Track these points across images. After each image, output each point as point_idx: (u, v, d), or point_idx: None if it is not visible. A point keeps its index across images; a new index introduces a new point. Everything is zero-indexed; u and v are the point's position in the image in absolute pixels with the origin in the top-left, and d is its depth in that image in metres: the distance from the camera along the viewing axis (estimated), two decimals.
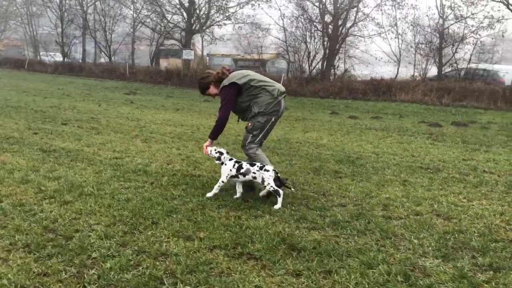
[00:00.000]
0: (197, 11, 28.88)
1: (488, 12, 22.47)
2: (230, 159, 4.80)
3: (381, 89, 19.71)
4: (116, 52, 36.59)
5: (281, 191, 4.52)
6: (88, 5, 36.86)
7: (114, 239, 3.53)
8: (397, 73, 23.73)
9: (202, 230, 3.81)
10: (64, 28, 36.14)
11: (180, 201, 4.62)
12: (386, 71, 24.90)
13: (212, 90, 5.10)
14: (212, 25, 29.68)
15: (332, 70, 26.20)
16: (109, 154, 6.81)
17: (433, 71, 24.77)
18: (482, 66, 22.82)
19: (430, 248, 3.60)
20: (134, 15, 34.89)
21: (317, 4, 26.98)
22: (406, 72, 24.43)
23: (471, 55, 21.68)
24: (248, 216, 4.24)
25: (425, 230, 4.02)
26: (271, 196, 4.70)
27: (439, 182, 5.92)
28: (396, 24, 26.18)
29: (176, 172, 5.85)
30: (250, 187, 5.03)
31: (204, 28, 28.38)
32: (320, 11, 27.48)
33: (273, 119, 4.94)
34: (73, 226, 3.80)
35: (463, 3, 23.71)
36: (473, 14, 22.76)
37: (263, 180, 4.55)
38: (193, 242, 3.55)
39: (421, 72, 23.66)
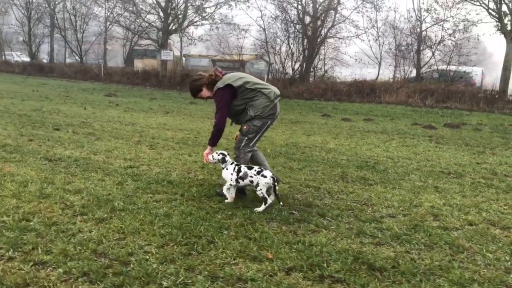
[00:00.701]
0: (174, 11, 28.27)
1: (465, 16, 23.01)
2: (231, 163, 4.67)
3: (365, 91, 19.80)
4: (87, 52, 35.45)
5: (269, 200, 4.39)
6: (57, 2, 35.56)
7: (177, 263, 3.19)
8: (378, 74, 23.95)
9: (265, 249, 3.50)
10: (32, 27, 34.71)
11: (223, 215, 4.29)
12: (365, 73, 25.12)
13: (205, 92, 4.91)
14: (190, 25, 29.14)
15: (312, 71, 26.21)
16: (121, 162, 6.38)
17: (411, 72, 25.19)
18: (453, 68, 23.41)
19: (510, 263, 3.44)
20: (107, 13, 33.92)
21: (295, 5, 26.95)
22: (386, 74, 24.71)
23: (450, 58, 22.10)
24: (303, 231, 3.97)
25: (490, 242, 3.86)
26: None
27: (469, 188, 5.82)
28: (374, 26, 26.50)
29: (202, 182, 5.50)
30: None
31: (181, 28, 27.78)
32: (299, 12, 27.48)
33: (269, 123, 4.81)
34: (123, 248, 3.42)
35: (440, 6, 24.26)
36: (451, 17, 23.26)
37: (257, 185, 4.41)
38: (263, 263, 3.25)
39: (402, 74, 23.98)
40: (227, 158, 4.70)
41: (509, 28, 19.27)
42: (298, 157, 7.40)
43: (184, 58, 32.57)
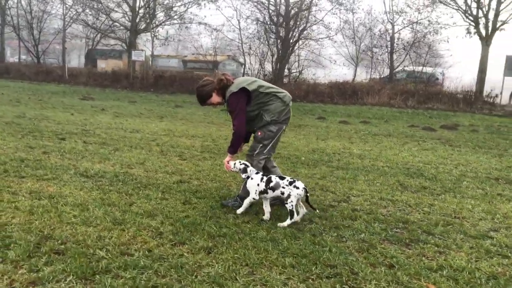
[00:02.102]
0: (144, 9, 27.25)
1: (436, 19, 23.69)
2: (257, 173, 4.37)
3: (347, 93, 19.88)
4: (45, 51, 33.51)
5: (296, 216, 4.14)
6: None
7: None
8: (354, 76, 24.20)
9: (414, 277, 3.18)
10: None
11: (329, 236, 3.92)
12: (340, 74, 25.35)
13: (215, 98, 4.64)
14: (159, 25, 28.20)
15: (287, 72, 26.11)
16: (166, 176, 5.85)
17: (384, 73, 25.66)
18: (420, 68, 24.11)
19: None
20: (65, 11, 32.20)
21: (266, 5, 26.73)
22: (361, 75, 25.01)
23: (425, 59, 22.67)
24: (431, 252, 3.67)
25: None
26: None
27: None
28: (344, 28, 26.77)
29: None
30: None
31: (152, 27, 26.82)
32: (270, 13, 27.31)
33: (284, 127, 4.62)
34: (267, 286, 2.99)
35: (410, 9, 24.87)
36: (423, 20, 23.88)
37: (288, 196, 4.13)
38: None
39: (377, 75, 24.36)
40: (250, 168, 4.40)
41: (483, 32, 20.00)
42: (338, 165, 7.14)
43: (150, 59, 31.54)
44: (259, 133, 4.55)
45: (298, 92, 20.42)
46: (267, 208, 4.33)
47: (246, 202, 4.38)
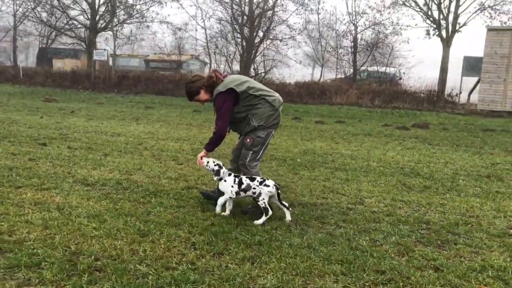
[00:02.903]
0: (105, 6, 26.35)
1: (396, 21, 24.43)
2: (229, 174, 4.40)
3: (315, 92, 20.11)
4: None
5: (270, 212, 4.21)
6: None
7: None
8: (321, 76, 24.53)
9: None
10: None
11: (366, 239, 3.90)
12: (305, 74, 25.66)
13: (203, 95, 4.56)
14: (119, 24, 27.38)
15: (254, 73, 26.09)
16: (172, 183, 5.66)
17: (347, 73, 26.19)
18: (380, 69, 24.88)
19: None
20: (16, 7, 30.63)
21: (229, 3, 26.58)
22: (325, 75, 25.40)
23: (388, 59, 23.33)
24: (469, 255, 3.74)
25: None
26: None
27: None
28: (307, 29, 27.08)
29: (302, 204, 5.02)
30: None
31: (112, 26, 25.98)
32: (233, 12, 27.21)
33: (273, 132, 4.58)
34: None
35: (371, 10, 25.53)
36: (384, 21, 24.56)
37: (259, 194, 4.21)
38: None
39: (341, 75, 24.83)
40: (223, 169, 4.40)
41: (444, 34, 20.83)
42: (335, 166, 7.17)
43: (110, 58, 30.57)
44: (248, 140, 4.46)
45: None
46: (229, 206, 4.38)
47: (221, 201, 4.37)
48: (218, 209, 4.41)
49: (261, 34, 26.70)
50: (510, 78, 17.80)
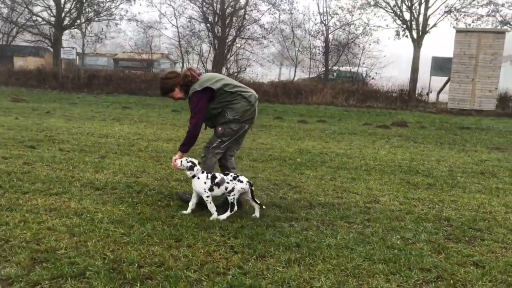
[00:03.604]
0: (68, 4, 25.49)
1: (366, 22, 24.94)
2: (202, 172, 4.38)
3: (291, 92, 20.24)
4: None
5: (235, 209, 4.26)
6: None
7: None
8: (294, 75, 24.70)
9: None
10: None
11: (397, 237, 3.95)
12: (273, 73, 25.78)
13: (177, 93, 4.58)
14: (86, 21, 26.56)
15: (226, 72, 25.95)
16: (182, 185, 5.55)
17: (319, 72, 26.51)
18: (346, 68, 25.43)
19: None
20: None
21: (200, 2, 26.30)
22: (298, 74, 25.61)
23: (359, 60, 23.79)
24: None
25: None
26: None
27: None
28: (278, 29, 27.22)
29: (321, 204, 5.01)
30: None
31: (80, 23, 25.17)
32: (204, 11, 26.98)
33: (246, 127, 4.63)
34: None
35: (342, 11, 25.97)
36: (355, 21, 25.01)
37: (232, 190, 4.24)
38: None
39: (314, 74, 25.10)
40: (197, 167, 4.36)
41: (415, 35, 21.45)
42: (336, 165, 7.24)
43: (77, 57, 29.62)
44: (220, 129, 4.52)
45: None
46: (212, 207, 4.30)
47: (208, 206, 4.30)
48: (213, 216, 4.27)
49: (233, 33, 26.55)
50: (477, 78, 18.53)
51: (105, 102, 17.50)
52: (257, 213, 4.38)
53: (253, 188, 4.35)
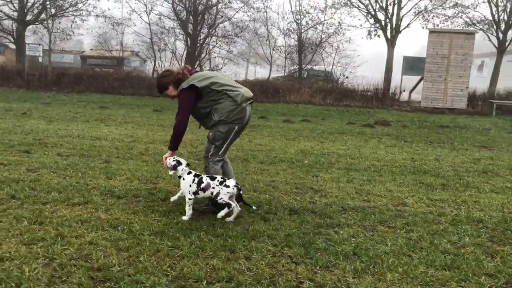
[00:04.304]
0: None
1: (339, 21, 25.24)
2: (189, 173, 4.36)
3: (269, 91, 20.20)
4: None
5: (233, 204, 4.22)
6: None
7: None
8: (270, 74, 24.67)
9: None
10: None
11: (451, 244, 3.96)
12: (238, 71, 25.71)
13: (171, 91, 4.62)
14: (51, 16, 25.44)
15: (198, 69, 25.60)
16: None
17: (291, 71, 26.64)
18: (316, 67, 25.79)
19: None
20: None
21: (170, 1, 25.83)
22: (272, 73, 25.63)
23: (334, 59, 24.06)
24: None
25: None
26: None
27: None
28: (250, 27, 27.13)
29: (353, 208, 4.96)
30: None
31: (48, 18, 24.07)
32: (175, 8, 26.50)
33: (236, 128, 4.55)
34: None
35: (314, 10, 26.19)
36: (327, 20, 25.27)
37: (217, 194, 4.21)
38: None
39: (286, 73, 25.19)
40: (181, 167, 4.37)
41: (389, 35, 21.89)
42: (345, 167, 7.22)
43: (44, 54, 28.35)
44: (210, 134, 4.50)
45: None
46: (189, 209, 4.26)
47: (187, 206, 4.27)
48: (185, 218, 4.24)
49: (206, 31, 26.21)
50: (449, 77, 19.14)
51: (80, 101, 16.80)
52: (232, 218, 4.27)
53: (242, 192, 4.29)
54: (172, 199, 4.65)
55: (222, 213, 4.26)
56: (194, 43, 25.89)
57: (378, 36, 22.91)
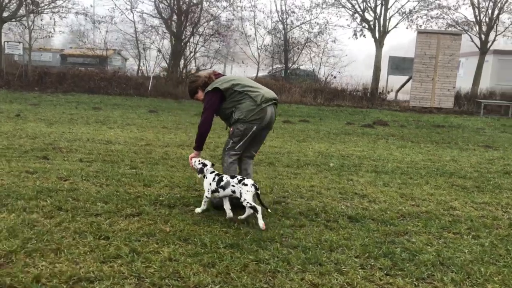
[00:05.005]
0: None
1: (326, 21, 25.35)
2: (211, 172, 4.52)
3: None
4: None
5: (259, 208, 4.17)
6: None
7: None
8: (257, 73, 24.54)
9: None
10: None
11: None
12: (239, 71, 25.50)
13: (200, 95, 4.80)
14: (29, 13, 24.49)
15: (184, 69, 25.21)
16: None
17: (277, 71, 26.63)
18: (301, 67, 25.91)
19: None
20: None
21: None
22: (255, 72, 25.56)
23: (321, 59, 24.13)
24: None
25: None
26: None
27: None
28: (237, 26, 26.93)
29: (410, 214, 4.91)
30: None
31: (29, 13, 23.15)
32: (157, 5, 26.01)
33: (254, 128, 4.62)
34: None
35: (299, 9, 26.22)
36: (312, 20, 25.35)
37: (240, 195, 4.24)
38: None
39: (269, 72, 25.15)
40: (207, 168, 4.54)
41: (377, 35, 22.13)
42: (373, 169, 7.20)
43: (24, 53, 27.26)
44: (231, 129, 4.68)
45: None
46: (227, 206, 4.39)
47: (203, 201, 4.50)
48: (200, 209, 4.49)
49: (190, 29, 25.81)
50: (437, 77, 19.51)
51: (68, 102, 16.21)
52: (243, 216, 4.31)
53: (259, 191, 4.28)
54: (227, 216, 4.39)
55: (261, 223, 4.12)
56: (179, 42, 25.46)
57: (364, 36, 23.15)
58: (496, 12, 22.56)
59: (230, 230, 4.06)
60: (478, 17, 22.85)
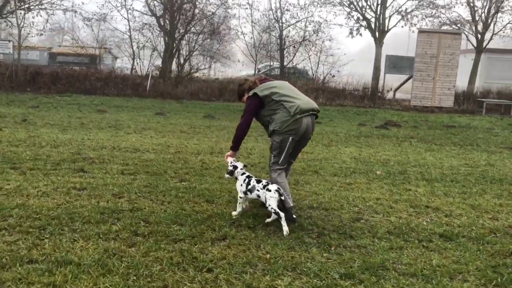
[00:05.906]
0: None
1: (323, 19, 25.16)
2: (243, 174, 4.62)
3: None
4: None
5: (282, 214, 4.18)
6: None
7: None
8: (255, 72, 24.20)
9: None
10: None
11: None
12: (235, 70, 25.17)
13: (245, 98, 4.89)
14: (16, 10, 23.53)
15: (178, 69, 24.67)
16: (321, 213, 4.91)
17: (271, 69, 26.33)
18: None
19: None
20: None
21: None
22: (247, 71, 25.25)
23: (319, 56, 23.96)
24: None
25: None
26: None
27: None
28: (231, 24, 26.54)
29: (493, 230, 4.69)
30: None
31: (17, 9, 22.20)
32: (148, 3, 25.39)
33: (290, 139, 4.58)
34: None
35: (294, 8, 25.99)
36: (308, 18, 25.13)
37: (265, 200, 4.31)
38: None
39: (267, 71, 24.85)
40: (237, 170, 4.64)
41: (377, 34, 22.04)
42: (422, 177, 7.01)
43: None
44: (270, 142, 4.69)
45: (211, 91, 19.52)
46: (239, 207, 4.60)
47: (237, 204, 4.63)
48: (234, 214, 4.62)
49: (183, 27, 25.27)
50: (438, 76, 19.56)
51: (69, 104, 15.54)
52: (285, 230, 4.21)
53: (283, 197, 4.26)
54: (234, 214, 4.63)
55: (285, 231, 4.17)
56: (172, 40, 24.89)
57: (361, 35, 23.06)
58: (492, 11, 22.77)
59: (327, 255, 3.77)
60: (474, 16, 23.03)
